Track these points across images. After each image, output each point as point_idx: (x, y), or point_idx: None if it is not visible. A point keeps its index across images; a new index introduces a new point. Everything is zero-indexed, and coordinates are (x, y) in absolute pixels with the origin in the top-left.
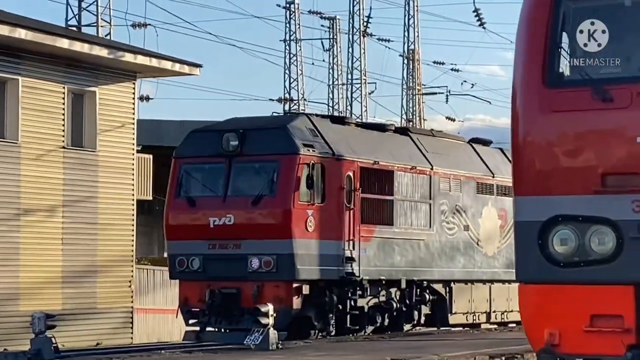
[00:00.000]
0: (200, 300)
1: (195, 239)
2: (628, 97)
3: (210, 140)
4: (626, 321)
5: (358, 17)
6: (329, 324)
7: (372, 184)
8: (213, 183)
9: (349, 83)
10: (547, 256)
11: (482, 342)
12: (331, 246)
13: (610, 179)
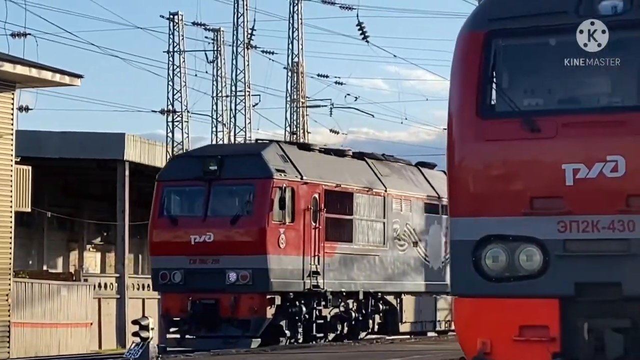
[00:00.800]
0: (181, 310)
1: (177, 255)
2: (554, 128)
3: (191, 165)
4: (551, 331)
5: (242, 29)
6: (298, 331)
7: (335, 204)
8: (194, 204)
9: (232, 95)
10: (480, 272)
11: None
12: (300, 261)
13: (537, 202)
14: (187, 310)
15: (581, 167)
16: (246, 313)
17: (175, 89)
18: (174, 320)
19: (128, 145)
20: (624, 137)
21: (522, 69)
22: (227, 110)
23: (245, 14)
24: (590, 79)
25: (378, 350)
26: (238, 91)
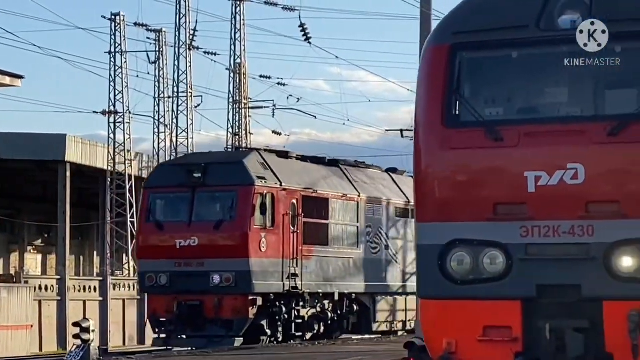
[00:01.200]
0: (167, 311)
1: (163, 258)
2: (516, 137)
3: (176, 172)
4: (514, 331)
5: (184, 30)
6: (278, 331)
7: (312, 210)
8: (179, 210)
9: (175, 96)
10: (445, 275)
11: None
12: (279, 264)
13: (501, 208)
14: (173, 311)
15: (543, 174)
16: (229, 314)
17: (117, 90)
18: (161, 321)
19: (69, 146)
20: (584, 146)
21: (485, 81)
22: (169, 111)
23: (188, 14)
24: (550, 90)
25: (319, 352)
26: (180, 92)
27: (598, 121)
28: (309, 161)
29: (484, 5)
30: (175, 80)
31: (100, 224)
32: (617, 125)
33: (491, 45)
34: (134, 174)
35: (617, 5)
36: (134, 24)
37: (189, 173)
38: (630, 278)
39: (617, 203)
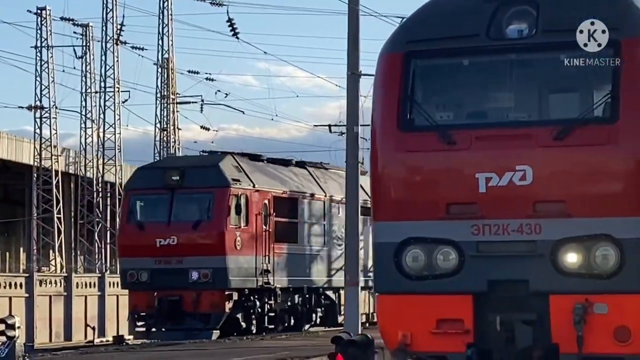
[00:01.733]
0: (147, 306)
1: (144, 256)
2: (468, 140)
3: (156, 175)
4: (466, 324)
5: (111, 24)
6: (252, 324)
7: (282, 209)
8: (159, 210)
9: (102, 91)
10: (400, 271)
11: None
12: (253, 261)
13: (453, 207)
14: (154, 306)
15: (493, 175)
16: (207, 308)
17: (43, 85)
18: (142, 315)
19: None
20: (531, 149)
21: (438, 87)
22: (96, 106)
23: (115, 9)
24: (500, 96)
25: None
26: (107, 87)
27: (545, 126)
28: (278, 163)
29: (436, 15)
30: (102, 75)
31: (26, 220)
32: (562, 130)
33: (443, 54)
34: (60, 169)
35: (562, 17)
36: (60, 19)
37: (168, 176)
38: (575, 273)
39: (563, 203)
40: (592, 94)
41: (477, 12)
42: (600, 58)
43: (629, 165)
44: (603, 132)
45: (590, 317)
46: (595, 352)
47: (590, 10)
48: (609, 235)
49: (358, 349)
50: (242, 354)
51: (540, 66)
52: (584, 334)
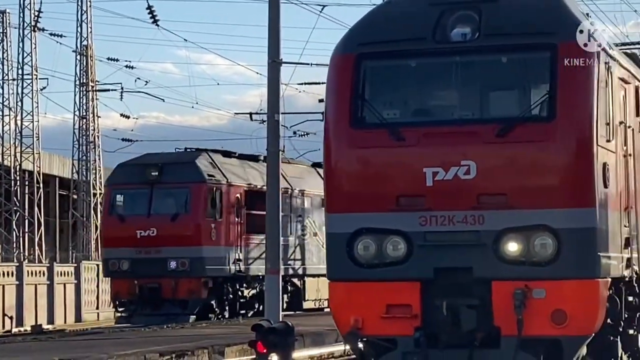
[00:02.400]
0: (128, 293)
1: (125, 247)
2: (416, 137)
3: (135, 171)
4: (414, 309)
5: (29, 11)
6: (225, 309)
7: (253, 202)
8: (139, 204)
9: (19, 79)
10: (352, 260)
11: (155, 339)
12: (226, 250)
13: (402, 200)
14: (135, 293)
15: (439, 170)
16: (185, 294)
17: None
18: (123, 302)
19: None
20: (475, 145)
21: (388, 87)
22: (13, 94)
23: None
24: (446, 95)
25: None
26: (25, 75)
27: (487, 123)
28: (247, 159)
29: (386, 19)
30: (19, 63)
31: None
32: (504, 127)
33: (393, 55)
34: None
35: (503, 22)
36: None
37: (147, 172)
38: (515, 261)
39: (505, 195)
40: (531, 94)
41: (424, 16)
42: (538, 60)
43: (565, 160)
44: (541, 129)
45: (530, 301)
46: (534, 334)
47: (529, 16)
48: (547, 226)
49: (278, 337)
50: (161, 343)
51: (483, 67)
52: (523, 318)
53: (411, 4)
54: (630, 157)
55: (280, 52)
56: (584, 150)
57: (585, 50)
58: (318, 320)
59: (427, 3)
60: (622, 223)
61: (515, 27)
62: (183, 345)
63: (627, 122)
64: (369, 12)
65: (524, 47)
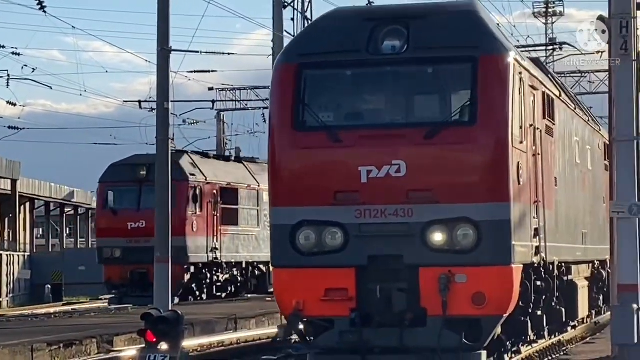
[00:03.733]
0: (121, 277)
1: (117, 237)
2: (352, 139)
3: (125, 170)
4: (349, 293)
5: None
6: (203, 292)
7: (227, 198)
8: (129, 199)
9: None
10: (295, 249)
11: (42, 329)
12: (205, 240)
13: (339, 195)
14: (127, 278)
15: (373, 169)
16: None
17: None
18: (115, 285)
19: None
20: (405, 146)
21: (326, 93)
22: None
23: None
24: (379, 102)
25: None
26: None
27: (416, 127)
28: (221, 159)
29: (325, 32)
30: None
31: None
32: (431, 131)
33: (331, 65)
34: None
35: (429, 36)
36: None
37: (136, 171)
38: (440, 249)
39: (431, 191)
40: (454, 101)
41: (358, 30)
42: (460, 71)
43: (484, 160)
44: (464, 133)
45: (453, 285)
46: (457, 314)
47: (453, 31)
48: (468, 218)
49: (168, 326)
50: (49, 333)
51: (411, 77)
52: (447, 300)
53: (347, 19)
54: (539, 155)
55: (169, 39)
56: (501, 151)
57: (501, 62)
58: (210, 309)
59: (361, 18)
60: (531, 215)
61: (440, 41)
62: (71, 335)
63: (535, 125)
64: (309, 25)
65: (448, 59)
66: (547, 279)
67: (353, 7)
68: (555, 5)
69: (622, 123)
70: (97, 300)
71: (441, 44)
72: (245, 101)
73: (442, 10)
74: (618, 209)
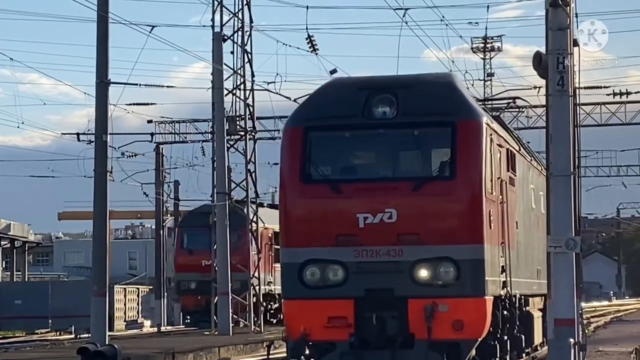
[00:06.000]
0: (194, 305)
1: (193, 272)
2: (351, 190)
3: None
4: (349, 320)
5: None
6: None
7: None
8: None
9: None
10: (302, 283)
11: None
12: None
13: (340, 238)
14: (200, 305)
15: (369, 215)
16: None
17: None
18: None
19: None
20: (396, 197)
21: (328, 152)
22: None
23: None
24: (373, 159)
25: None
26: None
27: (405, 181)
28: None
29: (326, 100)
30: None
31: None
32: (417, 184)
33: (332, 128)
34: None
35: (414, 104)
36: None
37: (207, 218)
38: (426, 283)
39: (418, 235)
40: (437, 159)
41: (354, 98)
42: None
43: (462, 209)
44: (445, 186)
45: (436, 314)
46: (440, 338)
47: (435, 100)
48: (450, 257)
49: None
50: None
51: (401, 138)
52: (432, 326)
53: (344, 89)
54: (504, 203)
55: (108, 72)
56: (476, 202)
57: (475, 127)
58: (148, 344)
59: (356, 87)
60: (499, 255)
61: (424, 108)
62: None
63: (501, 177)
64: (313, 93)
65: (431, 123)
66: (511, 309)
67: (350, 78)
68: (493, 41)
69: (559, 158)
70: (33, 334)
71: (425, 111)
72: (185, 134)
73: (425, 81)
74: (555, 243)
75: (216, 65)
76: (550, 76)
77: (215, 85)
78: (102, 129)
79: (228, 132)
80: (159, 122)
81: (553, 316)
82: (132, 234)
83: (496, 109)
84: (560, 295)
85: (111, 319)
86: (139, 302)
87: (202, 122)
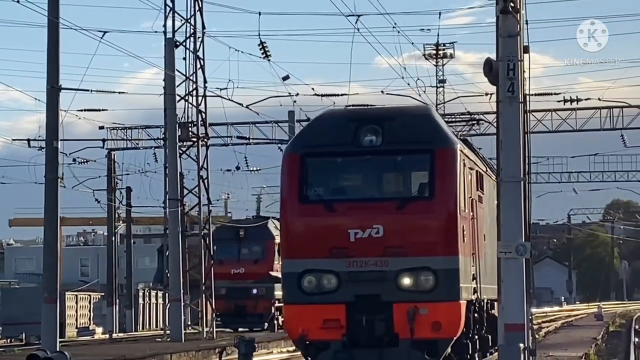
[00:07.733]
0: (225, 309)
1: (224, 279)
2: (344, 209)
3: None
4: (341, 322)
5: None
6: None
7: None
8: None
9: None
10: (300, 290)
11: None
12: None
13: (334, 250)
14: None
15: (359, 231)
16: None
17: None
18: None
19: None
20: (382, 215)
21: (323, 175)
22: None
23: None
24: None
25: None
26: None
27: (390, 200)
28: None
29: (321, 130)
30: None
31: None
32: (401, 203)
33: (326, 154)
34: None
35: (398, 133)
36: None
37: (237, 232)
38: (408, 290)
39: (401, 248)
40: (417, 181)
41: (346, 128)
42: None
43: (440, 225)
44: (425, 205)
45: (418, 316)
46: (421, 337)
47: (415, 130)
48: (429, 267)
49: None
50: None
51: (386, 163)
52: (414, 327)
53: (337, 120)
54: (474, 219)
55: (59, 77)
56: (451, 219)
57: (451, 153)
58: (101, 350)
59: (347, 119)
60: (471, 264)
61: (406, 137)
62: None
63: (472, 196)
64: (309, 123)
65: (412, 150)
66: (480, 312)
67: (341, 110)
68: (445, 48)
69: (508, 164)
70: None
71: (407, 139)
72: (137, 140)
73: (407, 114)
74: (505, 249)
75: (168, 71)
76: (500, 83)
77: (168, 92)
78: (53, 135)
79: (180, 138)
80: (110, 128)
81: (503, 321)
82: (84, 241)
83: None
84: (510, 300)
85: (62, 326)
86: (90, 309)
87: (154, 128)
